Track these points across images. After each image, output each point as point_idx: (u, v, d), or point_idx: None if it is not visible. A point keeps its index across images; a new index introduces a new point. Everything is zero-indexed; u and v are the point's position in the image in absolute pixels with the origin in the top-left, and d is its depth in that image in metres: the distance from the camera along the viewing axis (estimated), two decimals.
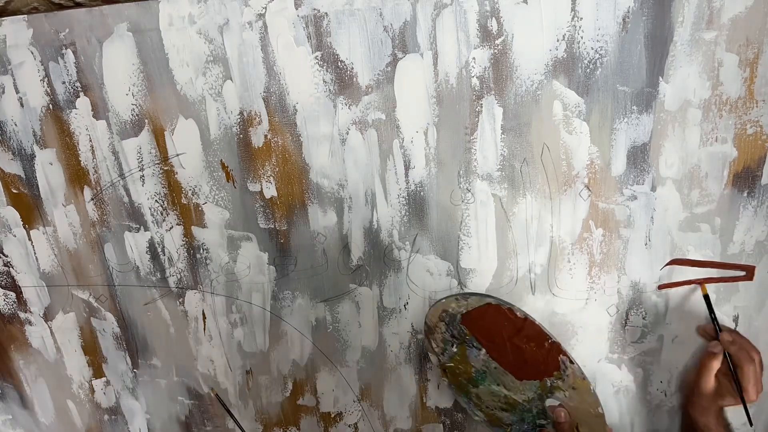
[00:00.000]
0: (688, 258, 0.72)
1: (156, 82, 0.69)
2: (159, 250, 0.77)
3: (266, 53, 0.66)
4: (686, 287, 0.73)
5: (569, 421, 0.71)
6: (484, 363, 0.73)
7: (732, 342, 0.69)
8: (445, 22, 0.64)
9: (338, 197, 0.72)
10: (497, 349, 0.72)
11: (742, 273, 0.72)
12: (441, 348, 0.74)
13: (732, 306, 0.74)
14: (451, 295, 0.74)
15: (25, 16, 0.68)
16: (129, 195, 0.74)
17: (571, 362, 0.71)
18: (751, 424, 0.70)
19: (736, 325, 0.75)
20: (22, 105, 0.71)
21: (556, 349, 0.71)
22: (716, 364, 0.70)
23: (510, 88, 0.66)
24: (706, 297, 0.72)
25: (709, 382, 0.71)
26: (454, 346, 0.73)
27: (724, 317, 0.74)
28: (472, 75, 0.66)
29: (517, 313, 0.71)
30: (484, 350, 0.72)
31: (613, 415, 0.79)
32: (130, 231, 0.76)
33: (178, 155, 0.72)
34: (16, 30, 0.68)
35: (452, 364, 0.74)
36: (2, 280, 0.81)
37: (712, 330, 0.72)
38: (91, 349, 0.84)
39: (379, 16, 0.64)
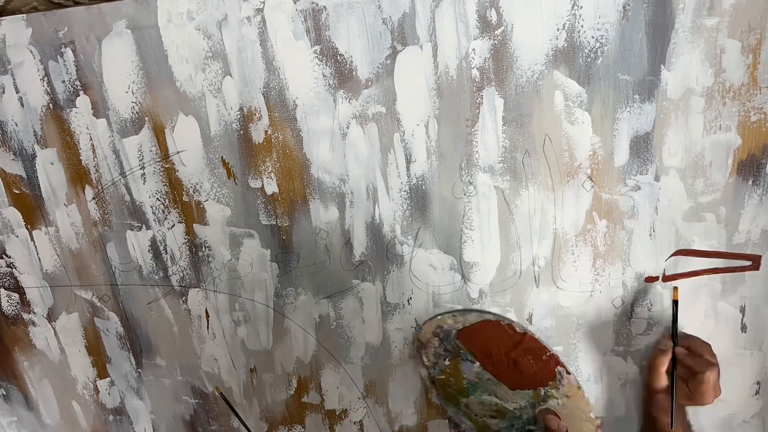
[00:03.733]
0: (693, 248, 0.71)
1: (155, 79, 0.69)
2: (161, 248, 0.77)
3: (265, 48, 0.66)
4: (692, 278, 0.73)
5: (560, 427, 0.71)
6: (477, 375, 0.73)
7: (687, 355, 0.69)
8: (444, 13, 0.63)
9: (340, 192, 0.72)
10: (493, 362, 0.73)
11: (748, 263, 0.71)
12: (432, 362, 0.75)
13: (738, 296, 0.73)
14: (447, 311, 0.75)
15: (24, 15, 0.68)
16: (130, 193, 0.74)
17: (568, 372, 0.72)
18: (671, 426, 0.69)
19: (743, 316, 0.74)
20: (22, 105, 0.71)
21: (554, 360, 0.72)
22: (664, 361, 0.70)
23: (510, 78, 0.65)
24: (675, 303, 0.71)
25: (660, 379, 0.71)
26: (447, 359, 0.74)
27: (730, 307, 0.74)
28: (472, 66, 0.65)
29: (517, 329, 0.72)
30: (478, 363, 0.73)
31: (619, 408, 0.79)
32: (132, 230, 0.76)
33: (178, 152, 0.72)
34: (16, 29, 0.68)
35: (443, 377, 0.74)
36: (5, 282, 0.81)
37: (670, 336, 0.72)
38: (95, 349, 0.84)
39: (377, 8, 0.64)
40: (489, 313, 0.73)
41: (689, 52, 0.63)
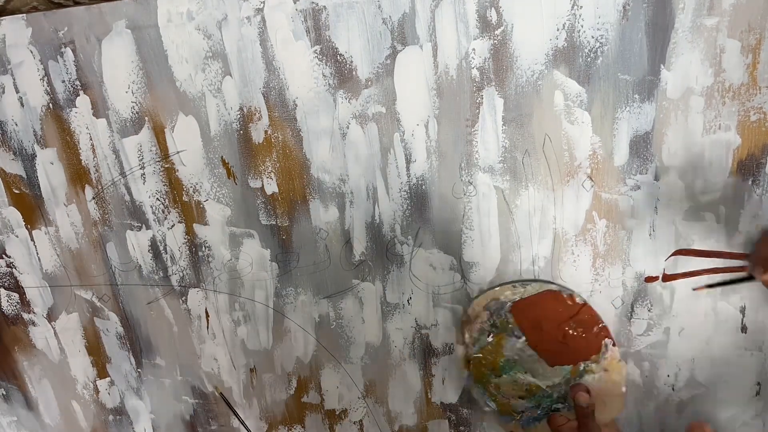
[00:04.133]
0: (693, 248, 0.71)
1: (155, 79, 0.69)
2: (161, 248, 0.77)
3: (265, 48, 0.66)
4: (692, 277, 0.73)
5: (590, 405, 0.69)
6: (519, 352, 0.71)
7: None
8: (444, 13, 0.63)
9: (340, 192, 0.72)
10: (541, 336, 0.71)
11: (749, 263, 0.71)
12: (474, 339, 0.73)
13: (738, 296, 0.73)
14: (505, 282, 0.73)
15: (24, 15, 0.68)
16: (130, 193, 0.74)
17: (614, 345, 0.70)
18: None
19: (744, 317, 0.74)
20: (22, 105, 0.71)
21: (604, 332, 0.70)
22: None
23: (510, 78, 0.65)
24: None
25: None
26: (491, 336, 0.72)
27: (730, 307, 0.73)
28: (472, 66, 0.65)
29: (577, 299, 0.71)
30: (524, 338, 0.71)
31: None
32: (131, 230, 0.76)
33: (178, 152, 0.72)
34: (15, 29, 0.68)
35: (480, 355, 0.73)
36: (5, 281, 0.81)
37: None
38: (95, 349, 0.84)
39: (377, 8, 0.64)
40: (552, 283, 0.72)
41: (689, 51, 0.63)
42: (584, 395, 0.70)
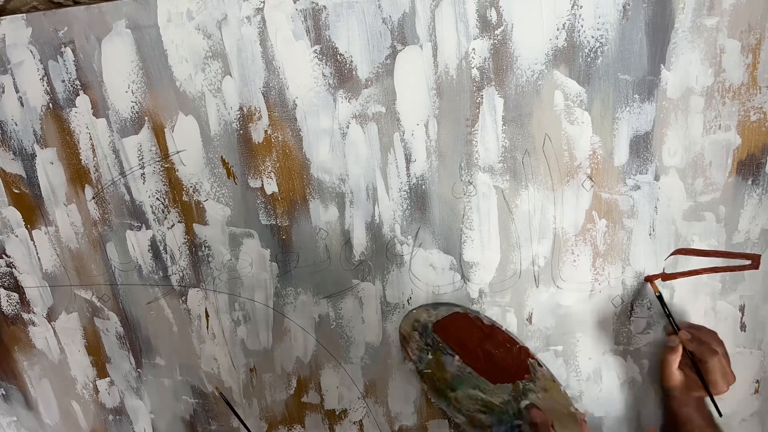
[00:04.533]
0: (692, 248, 0.72)
1: (155, 78, 0.69)
2: (161, 248, 0.77)
3: (265, 48, 0.66)
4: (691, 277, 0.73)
5: (544, 421, 0.71)
6: (458, 369, 0.73)
7: (691, 339, 0.69)
8: (444, 13, 0.63)
9: (339, 192, 0.72)
10: (470, 355, 0.73)
11: (748, 262, 0.71)
12: (417, 356, 0.75)
13: (738, 295, 0.73)
14: (420, 306, 0.75)
15: (24, 15, 0.68)
16: (130, 193, 0.74)
17: (540, 365, 0.73)
18: (720, 415, 0.70)
19: (743, 315, 0.74)
20: (22, 104, 0.71)
21: (525, 353, 0.73)
22: (675, 358, 0.70)
23: (510, 78, 0.66)
24: (659, 297, 0.72)
25: (672, 376, 0.71)
26: (429, 353, 0.74)
27: (730, 306, 0.74)
28: (472, 66, 0.65)
29: (484, 321, 0.73)
30: (457, 356, 0.73)
31: (618, 407, 0.79)
32: (131, 229, 0.76)
33: (178, 152, 0.72)
34: (16, 29, 0.68)
35: (429, 371, 0.75)
36: (5, 281, 0.81)
37: (671, 328, 0.72)
38: (95, 349, 0.84)
39: (377, 8, 0.64)
40: (458, 306, 0.74)
41: (689, 51, 0.63)
42: (538, 412, 0.71)
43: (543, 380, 0.72)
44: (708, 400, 0.70)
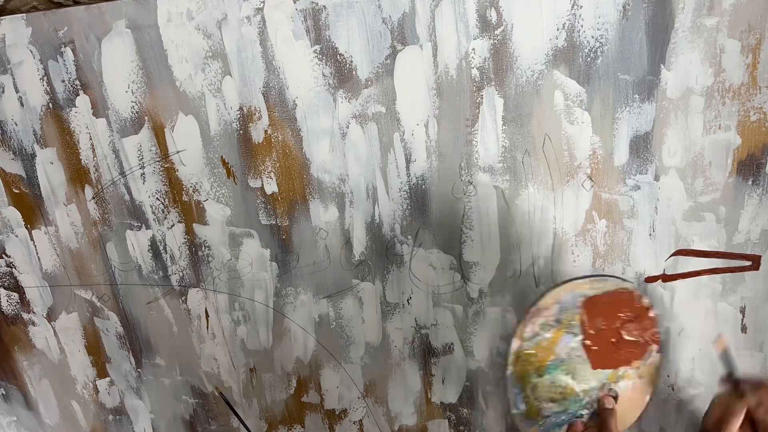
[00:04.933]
0: (693, 248, 0.71)
1: (155, 78, 0.69)
2: (161, 248, 0.77)
3: (265, 48, 0.66)
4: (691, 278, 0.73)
5: (615, 409, 0.69)
6: (570, 351, 0.70)
7: (759, 405, 0.62)
8: (444, 13, 0.63)
9: (339, 192, 0.72)
10: (596, 336, 0.70)
11: (748, 263, 0.71)
12: (533, 333, 0.71)
13: (738, 296, 0.73)
14: (584, 276, 0.72)
15: (24, 15, 0.68)
16: (130, 193, 0.74)
17: (658, 352, 0.70)
18: None
19: (743, 317, 0.74)
20: (22, 104, 0.71)
21: (655, 339, 0.70)
22: (736, 421, 0.62)
23: (510, 78, 0.65)
24: (724, 353, 0.66)
25: None
26: (551, 332, 0.70)
27: (730, 308, 0.73)
28: (472, 66, 0.65)
29: (644, 301, 0.70)
30: (580, 337, 0.71)
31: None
32: (131, 229, 0.76)
33: (178, 152, 0.72)
34: (15, 29, 0.68)
35: (532, 351, 0.72)
36: (5, 281, 0.81)
37: (735, 387, 0.64)
38: (95, 349, 0.84)
39: (377, 8, 0.64)
40: (628, 281, 0.71)
41: (689, 51, 0.63)
42: (610, 399, 0.69)
43: (648, 366, 0.70)
44: None
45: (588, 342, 0.70)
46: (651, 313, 0.70)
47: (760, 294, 0.73)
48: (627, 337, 0.70)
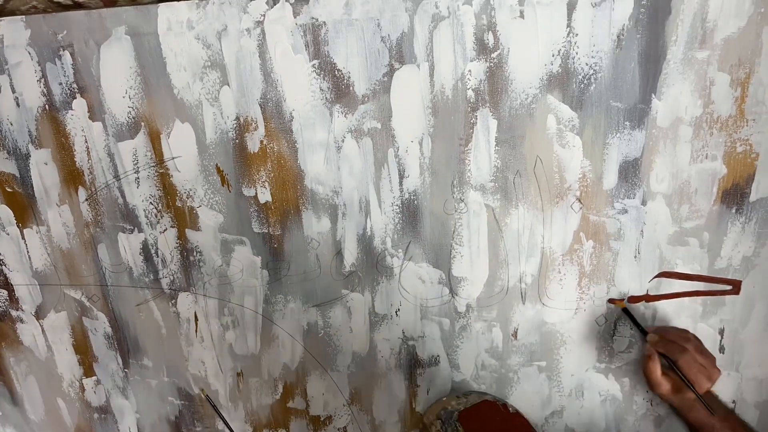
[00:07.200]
0: (676, 271, 0.73)
1: (153, 85, 0.69)
2: (152, 251, 0.77)
3: (264, 60, 0.67)
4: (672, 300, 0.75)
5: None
6: None
7: (657, 341, 0.69)
8: (443, 35, 0.64)
9: (332, 204, 0.72)
10: None
11: (729, 287, 0.73)
12: None
13: (718, 319, 0.75)
14: (451, 394, 0.78)
15: (23, 16, 0.67)
16: (123, 196, 0.75)
17: None
18: (712, 413, 0.68)
19: (722, 338, 0.76)
20: (18, 105, 0.71)
21: None
22: (654, 365, 0.70)
23: (505, 100, 0.67)
24: (625, 310, 0.74)
25: (659, 384, 0.70)
26: None
27: (710, 329, 0.75)
28: (468, 87, 0.66)
29: (510, 409, 0.75)
30: None
31: (599, 424, 0.80)
32: (123, 232, 0.76)
33: (173, 158, 0.72)
34: (14, 30, 0.68)
35: None
36: None
37: (642, 335, 0.72)
38: (83, 348, 0.84)
39: (377, 26, 0.64)
40: (487, 394, 0.77)
41: (680, 82, 0.64)
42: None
43: None
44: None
45: None
46: (520, 417, 0.75)
47: (739, 317, 0.75)
48: None
